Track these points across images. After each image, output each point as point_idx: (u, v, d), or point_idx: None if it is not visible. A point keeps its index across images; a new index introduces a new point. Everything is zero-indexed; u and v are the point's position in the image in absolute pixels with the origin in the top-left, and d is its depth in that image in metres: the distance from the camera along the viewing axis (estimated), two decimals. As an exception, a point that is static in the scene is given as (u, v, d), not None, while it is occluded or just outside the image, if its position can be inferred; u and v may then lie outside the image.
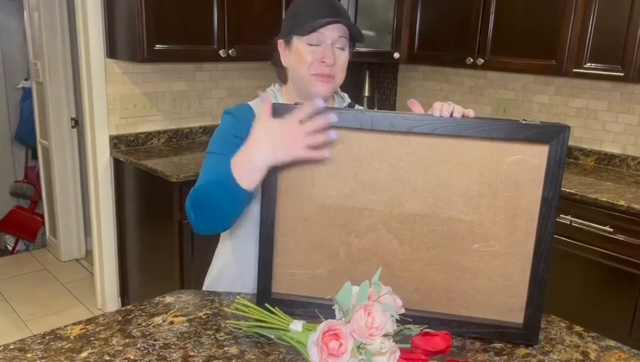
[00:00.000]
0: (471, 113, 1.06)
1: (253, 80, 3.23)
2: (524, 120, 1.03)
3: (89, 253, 3.56)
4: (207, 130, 3.09)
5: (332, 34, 1.19)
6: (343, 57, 1.23)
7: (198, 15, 2.60)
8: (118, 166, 2.83)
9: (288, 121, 1.01)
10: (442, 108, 1.05)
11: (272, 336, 1.02)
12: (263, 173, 1.05)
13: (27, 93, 3.97)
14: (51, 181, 3.59)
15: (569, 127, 1.01)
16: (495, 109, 3.10)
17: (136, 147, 2.86)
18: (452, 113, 1.05)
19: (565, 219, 2.25)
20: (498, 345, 1.09)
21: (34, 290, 3.29)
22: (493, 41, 2.68)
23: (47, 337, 1.05)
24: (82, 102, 2.82)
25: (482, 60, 2.71)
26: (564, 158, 1.02)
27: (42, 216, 3.87)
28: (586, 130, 2.77)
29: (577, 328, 1.16)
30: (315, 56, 1.20)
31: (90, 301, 3.15)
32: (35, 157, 4.04)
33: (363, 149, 1.08)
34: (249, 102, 1.31)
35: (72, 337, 1.05)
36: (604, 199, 2.15)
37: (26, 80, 4.10)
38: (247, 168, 1.04)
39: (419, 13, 2.97)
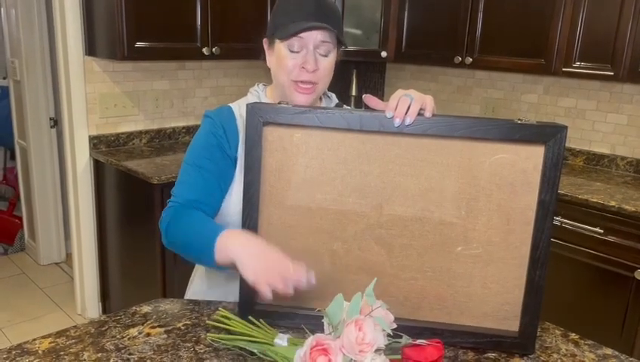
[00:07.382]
0: (427, 113, 0.99)
1: (239, 79, 3.16)
2: (519, 120, 0.99)
3: (69, 257, 3.46)
4: (191, 130, 3.01)
5: (315, 38, 1.13)
6: (326, 63, 1.15)
7: (181, 11, 2.52)
8: (98, 167, 2.74)
9: (278, 259, 0.99)
10: (398, 108, 0.98)
11: (255, 351, 0.96)
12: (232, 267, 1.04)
13: (4, 92, 3.85)
14: (30, 182, 3.48)
15: (566, 127, 0.97)
16: (483, 109, 3.07)
17: (117, 147, 2.78)
18: (408, 108, 0.98)
19: (555, 220, 2.22)
20: (492, 355, 1.04)
21: (11, 296, 3.18)
22: (482, 39, 2.64)
23: (14, 352, 0.98)
24: (61, 102, 2.73)
25: (470, 59, 2.68)
26: (562, 160, 0.98)
27: (21, 219, 3.76)
28: (575, 129, 2.74)
29: (573, 336, 1.12)
30: (296, 62, 1.14)
31: (69, 306, 3.05)
32: (13, 158, 3.91)
33: (351, 151, 1.03)
34: (230, 104, 1.26)
35: (40, 352, 0.98)
36: (595, 200, 2.12)
37: (4, 78, 3.98)
38: (225, 258, 1.04)
39: (406, 12, 2.92)
